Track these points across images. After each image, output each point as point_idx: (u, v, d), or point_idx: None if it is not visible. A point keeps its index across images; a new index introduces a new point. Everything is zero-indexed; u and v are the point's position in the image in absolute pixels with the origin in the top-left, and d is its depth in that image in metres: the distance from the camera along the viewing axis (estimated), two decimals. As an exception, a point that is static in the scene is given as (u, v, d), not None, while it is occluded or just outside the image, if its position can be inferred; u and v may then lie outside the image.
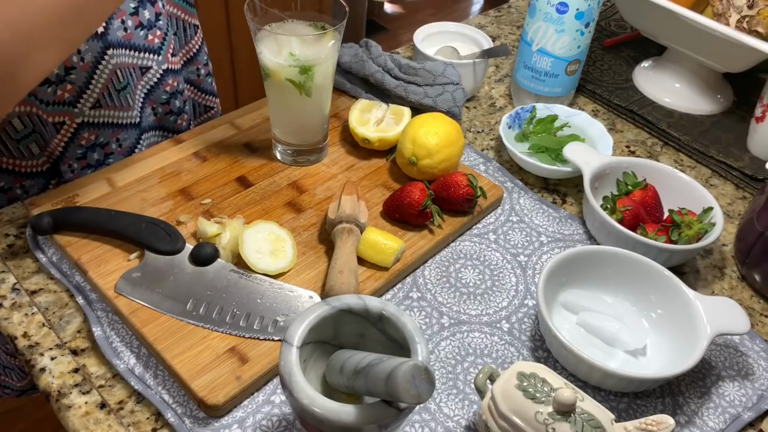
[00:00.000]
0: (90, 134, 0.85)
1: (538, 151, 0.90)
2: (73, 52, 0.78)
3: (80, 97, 0.82)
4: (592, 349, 0.68)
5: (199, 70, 1.02)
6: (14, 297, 0.70)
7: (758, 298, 0.78)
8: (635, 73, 1.10)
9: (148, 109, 0.93)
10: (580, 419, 0.52)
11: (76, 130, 0.84)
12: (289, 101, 0.80)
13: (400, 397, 0.46)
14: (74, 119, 0.83)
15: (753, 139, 0.96)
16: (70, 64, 0.79)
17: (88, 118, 0.84)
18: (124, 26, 0.84)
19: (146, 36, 0.87)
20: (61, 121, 0.82)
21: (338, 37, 0.77)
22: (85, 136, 0.85)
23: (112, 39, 0.83)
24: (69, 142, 0.84)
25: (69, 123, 0.83)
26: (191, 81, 1.02)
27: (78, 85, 0.81)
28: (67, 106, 0.82)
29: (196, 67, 1.01)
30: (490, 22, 1.23)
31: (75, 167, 0.86)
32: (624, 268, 0.71)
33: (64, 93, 0.80)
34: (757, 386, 0.68)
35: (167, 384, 0.63)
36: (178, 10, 0.96)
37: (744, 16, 0.90)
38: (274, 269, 0.71)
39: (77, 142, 0.85)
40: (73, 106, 0.82)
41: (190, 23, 0.98)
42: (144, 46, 0.88)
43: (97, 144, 0.87)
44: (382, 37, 2.96)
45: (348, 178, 0.84)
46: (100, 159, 0.88)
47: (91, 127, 0.85)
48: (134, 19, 0.85)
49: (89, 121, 0.84)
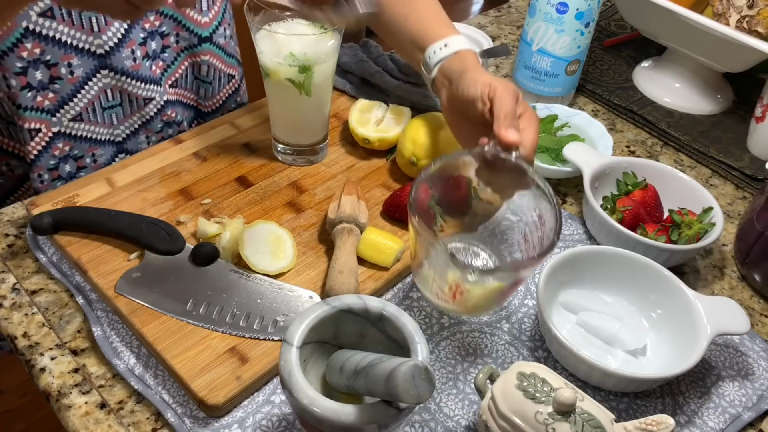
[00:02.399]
0: (65, 145, 0.84)
1: (538, 151, 0.90)
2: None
3: (61, 108, 0.81)
4: (591, 349, 0.68)
5: (226, 31, 0.96)
6: (14, 297, 0.70)
7: (758, 298, 0.78)
8: (635, 73, 1.10)
9: (141, 136, 0.92)
10: (580, 419, 0.52)
11: (51, 139, 0.83)
12: (289, 101, 0.80)
13: (400, 397, 0.46)
14: (51, 128, 0.82)
15: (753, 139, 0.96)
16: (57, 74, 0.79)
17: (65, 128, 0.83)
18: (134, 56, 0.84)
19: (151, 66, 0.87)
20: (37, 128, 0.81)
21: (338, 37, 0.77)
22: (59, 147, 0.84)
23: (114, 63, 0.82)
24: (42, 150, 0.83)
25: (45, 131, 0.82)
26: (219, 45, 0.95)
27: (61, 96, 0.81)
28: (45, 114, 0.81)
29: (224, 27, 0.96)
30: (490, 22, 1.23)
31: (45, 178, 0.85)
32: (624, 268, 0.71)
33: (45, 100, 0.80)
34: (757, 386, 0.68)
35: (167, 384, 0.63)
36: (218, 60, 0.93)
37: (744, 16, 0.90)
38: (274, 269, 0.71)
39: (50, 152, 0.84)
40: (52, 115, 0.81)
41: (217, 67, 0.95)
42: (149, 78, 0.87)
43: (71, 156, 0.86)
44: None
45: (348, 178, 0.84)
46: (72, 172, 0.87)
47: (66, 138, 0.84)
48: (142, 49, 0.85)
49: (66, 132, 0.84)
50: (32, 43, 0.76)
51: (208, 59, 0.93)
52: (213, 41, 0.93)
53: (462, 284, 0.58)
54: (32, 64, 0.77)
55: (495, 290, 0.59)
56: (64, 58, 0.79)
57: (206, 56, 0.93)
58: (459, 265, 0.54)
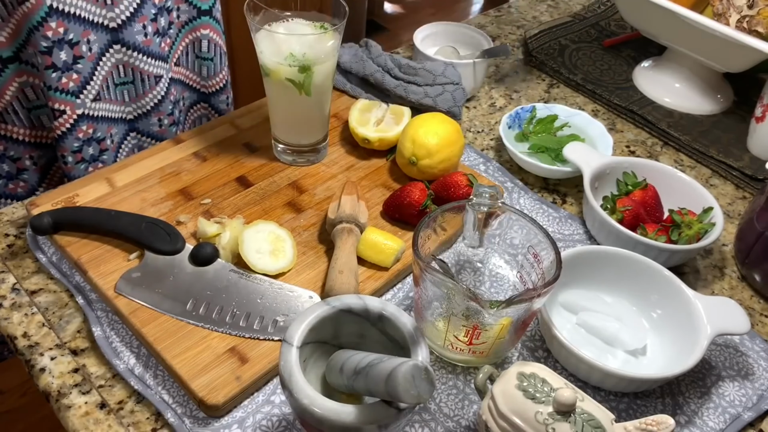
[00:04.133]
0: (88, 128, 0.85)
1: (538, 151, 0.90)
2: None
3: (84, 88, 0.81)
4: (592, 349, 0.68)
5: (228, 98, 0.99)
6: (14, 297, 0.70)
7: (758, 298, 0.78)
8: (635, 73, 1.10)
9: (153, 118, 0.92)
10: (580, 419, 0.52)
11: (75, 122, 0.83)
12: (289, 101, 0.80)
13: (400, 397, 0.46)
14: (75, 110, 0.82)
15: (753, 139, 0.96)
16: (79, 53, 0.79)
17: (88, 110, 0.83)
18: (145, 31, 0.84)
19: (160, 43, 0.87)
20: (62, 110, 0.82)
21: (338, 36, 0.77)
22: (83, 129, 0.84)
23: (125, 38, 0.82)
24: (67, 132, 0.83)
25: (69, 113, 0.82)
26: (219, 21, 0.96)
27: (84, 75, 0.81)
28: (70, 96, 0.81)
29: (226, 96, 0.98)
30: (490, 22, 1.23)
31: (69, 160, 0.86)
32: (624, 268, 0.71)
33: (69, 81, 0.80)
34: (757, 386, 0.68)
35: (167, 384, 0.63)
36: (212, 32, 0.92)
37: (744, 16, 0.90)
38: (274, 269, 0.71)
39: (75, 134, 0.84)
40: (76, 97, 0.81)
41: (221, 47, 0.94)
42: (159, 54, 0.87)
43: (94, 138, 0.86)
44: (382, 37, 2.95)
45: (348, 178, 0.84)
46: (95, 155, 0.88)
47: (90, 120, 0.85)
48: (153, 25, 0.85)
49: (89, 114, 0.84)
50: (56, 21, 0.76)
51: (209, 34, 0.93)
52: (212, 15, 0.93)
53: (479, 324, 0.59)
54: (57, 44, 0.77)
55: (507, 327, 0.60)
56: (84, 35, 0.79)
57: (206, 30, 0.93)
58: (480, 302, 0.55)
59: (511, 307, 0.56)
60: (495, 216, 0.66)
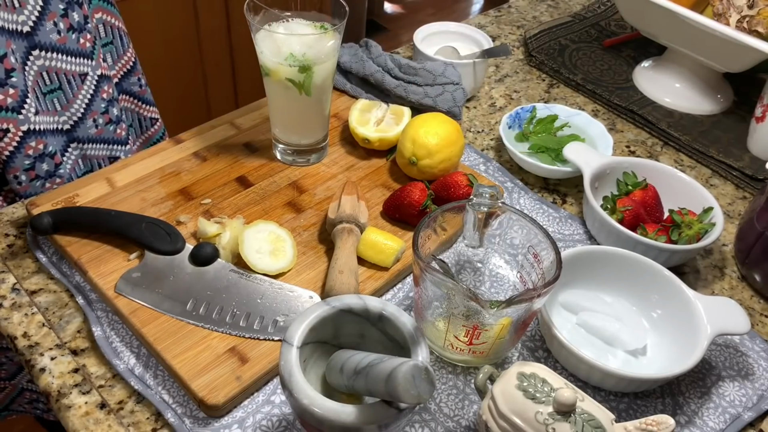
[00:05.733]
0: (38, 143, 0.81)
1: (538, 151, 0.90)
2: None
3: (24, 102, 0.78)
4: (592, 349, 0.68)
5: (140, 80, 0.95)
6: (14, 297, 0.70)
7: (758, 298, 0.78)
8: (635, 73, 1.10)
9: (89, 121, 0.89)
10: (580, 419, 0.52)
11: (22, 139, 0.80)
12: (289, 101, 0.80)
13: (400, 397, 0.46)
14: (19, 127, 0.79)
15: (753, 139, 0.96)
16: (10, 66, 0.75)
17: (33, 125, 0.80)
18: (57, 29, 0.80)
19: (78, 39, 0.84)
20: (5, 128, 0.78)
21: (338, 36, 0.77)
22: (32, 146, 0.81)
23: (41, 40, 0.78)
24: (15, 151, 0.80)
25: (14, 131, 0.79)
26: (133, 93, 0.95)
27: (21, 89, 0.77)
28: (11, 113, 0.78)
29: (137, 77, 0.95)
30: (490, 22, 1.23)
31: (23, 180, 0.82)
32: (624, 268, 0.71)
33: (7, 98, 0.77)
34: (757, 386, 0.68)
35: (167, 384, 0.63)
36: (104, 14, 0.89)
37: (744, 16, 0.90)
38: (274, 269, 0.71)
39: (23, 152, 0.81)
40: (17, 113, 0.78)
41: (120, 29, 0.92)
42: (78, 51, 0.84)
43: (46, 154, 0.83)
44: (382, 37, 2.96)
45: (348, 178, 0.84)
46: (50, 170, 0.84)
47: (38, 135, 0.81)
48: (65, 21, 0.81)
49: (35, 129, 0.80)
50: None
51: (102, 17, 0.90)
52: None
53: (479, 324, 0.59)
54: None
55: (507, 327, 0.60)
56: (8, 45, 0.76)
57: (99, 14, 0.90)
58: (480, 302, 0.55)
59: (511, 307, 0.56)
60: (495, 216, 0.66)
